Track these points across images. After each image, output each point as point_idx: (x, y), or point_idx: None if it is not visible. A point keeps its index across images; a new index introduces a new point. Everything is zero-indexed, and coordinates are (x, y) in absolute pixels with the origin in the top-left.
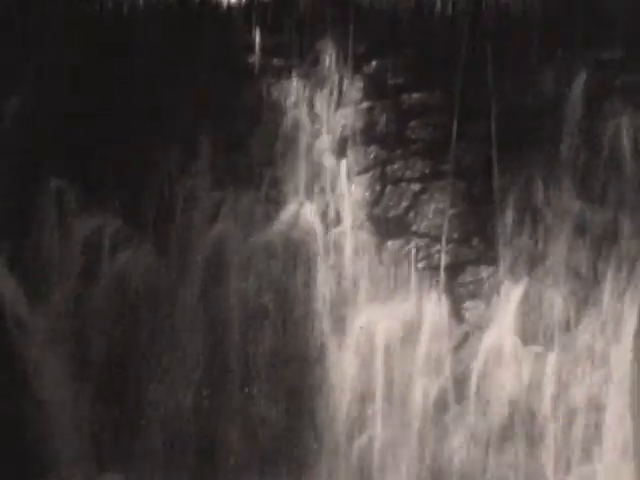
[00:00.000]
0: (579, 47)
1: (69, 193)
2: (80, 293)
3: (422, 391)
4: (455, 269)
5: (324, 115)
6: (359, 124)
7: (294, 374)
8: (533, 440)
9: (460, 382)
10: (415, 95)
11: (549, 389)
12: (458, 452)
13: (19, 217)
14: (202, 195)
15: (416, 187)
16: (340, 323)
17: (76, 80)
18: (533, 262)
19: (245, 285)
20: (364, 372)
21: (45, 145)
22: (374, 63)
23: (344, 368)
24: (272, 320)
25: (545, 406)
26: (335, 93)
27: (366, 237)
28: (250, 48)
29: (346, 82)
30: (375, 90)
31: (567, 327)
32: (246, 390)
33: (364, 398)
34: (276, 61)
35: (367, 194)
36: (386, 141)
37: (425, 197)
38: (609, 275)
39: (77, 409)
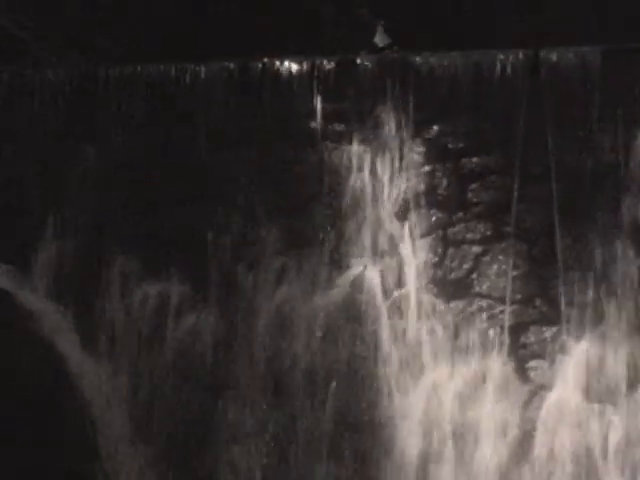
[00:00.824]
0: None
1: (133, 258)
2: (145, 357)
3: (489, 450)
4: (518, 330)
5: (386, 179)
6: (420, 188)
7: (360, 437)
8: None
9: (526, 440)
10: (475, 159)
11: (613, 447)
12: None
13: (85, 282)
14: (266, 260)
15: (478, 249)
16: (405, 385)
17: (140, 147)
18: (595, 322)
19: (309, 348)
20: (431, 432)
21: (110, 210)
22: (434, 127)
23: (410, 430)
24: (337, 383)
25: (609, 464)
26: (396, 157)
27: (429, 299)
28: (311, 114)
29: (407, 146)
30: (436, 154)
31: (630, 385)
32: (312, 454)
33: (431, 459)
34: (337, 126)
35: (429, 256)
36: (447, 204)
37: (487, 259)
38: None
39: (140, 471)
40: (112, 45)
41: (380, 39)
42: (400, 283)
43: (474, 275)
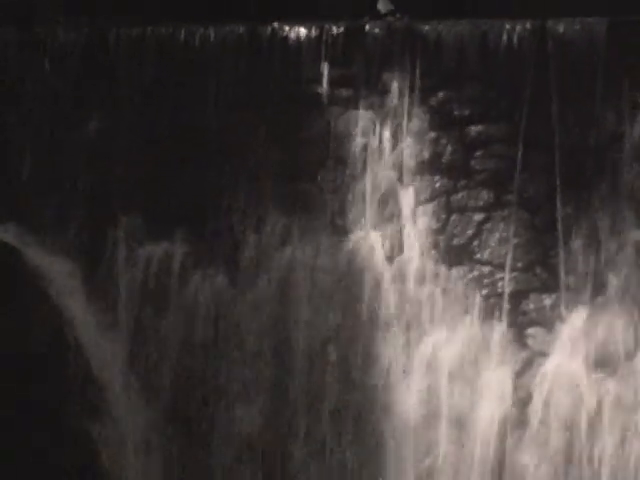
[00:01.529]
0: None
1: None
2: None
3: (485, 415)
4: (518, 297)
5: (391, 145)
6: (425, 154)
7: (360, 396)
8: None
9: (522, 407)
10: (480, 127)
11: (609, 415)
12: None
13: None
14: (271, 221)
15: (480, 216)
16: (405, 348)
17: (147, 110)
18: (595, 291)
19: (312, 310)
20: (429, 396)
21: (118, 171)
22: (440, 95)
23: (409, 392)
24: (339, 344)
25: (604, 431)
26: (402, 124)
27: (431, 264)
28: (319, 79)
29: (412, 113)
30: (441, 121)
31: (629, 354)
32: (313, 410)
33: (429, 422)
34: (344, 92)
35: (432, 222)
36: (451, 171)
37: (489, 226)
38: None
39: (147, 431)
40: (123, 7)
41: (383, 5)
42: (403, 248)
43: (476, 242)
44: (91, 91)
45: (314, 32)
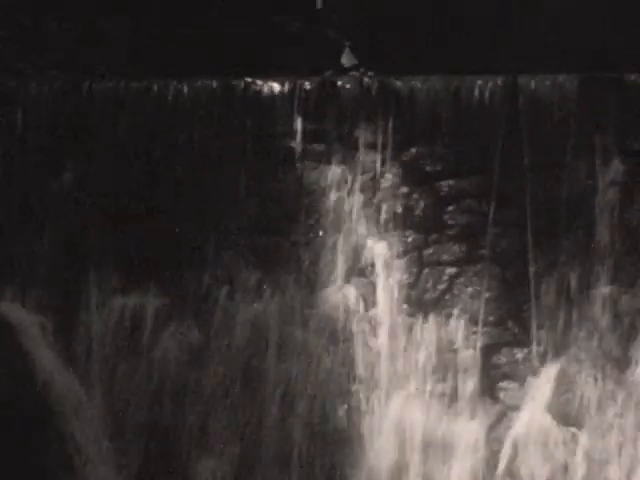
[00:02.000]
0: (614, 136)
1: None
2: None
3: (459, 468)
4: (490, 350)
5: (362, 199)
6: (397, 209)
7: (331, 452)
8: None
9: (494, 461)
10: (452, 182)
11: (581, 469)
12: None
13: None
14: (242, 276)
15: (452, 270)
16: (376, 403)
17: (120, 162)
18: (566, 345)
19: (284, 365)
20: (399, 451)
21: (90, 224)
22: (412, 150)
23: (379, 449)
24: (309, 398)
25: None
26: (374, 179)
27: (403, 319)
28: (291, 134)
29: (385, 168)
30: (413, 177)
31: (599, 408)
32: (283, 465)
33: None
34: (317, 146)
35: (405, 277)
36: (423, 226)
37: (461, 280)
38: None
39: None
40: (96, 61)
41: (347, 60)
42: (375, 302)
43: (448, 296)
44: (64, 143)
45: (287, 87)
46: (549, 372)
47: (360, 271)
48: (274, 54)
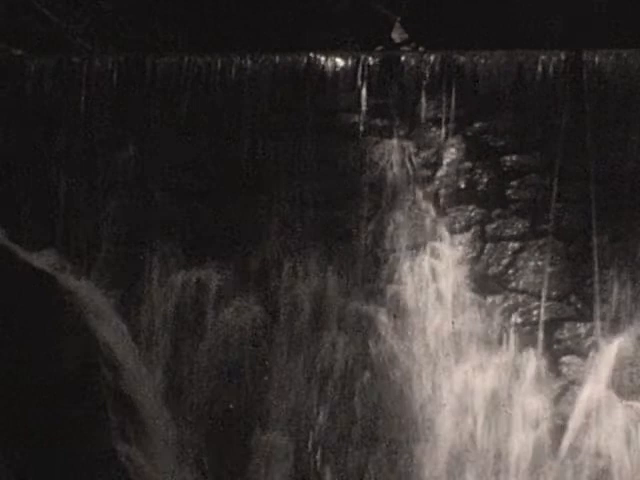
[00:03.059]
0: None
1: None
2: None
3: (520, 444)
4: (553, 325)
5: (426, 174)
6: (460, 183)
7: (394, 422)
8: None
9: (557, 435)
10: (515, 157)
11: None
12: None
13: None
14: (306, 249)
15: (515, 245)
16: (442, 376)
17: (183, 138)
18: (630, 320)
19: (345, 337)
20: (464, 425)
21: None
22: (476, 125)
23: (444, 420)
24: (372, 372)
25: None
26: (437, 153)
27: (467, 293)
28: (355, 109)
29: (448, 143)
30: (476, 151)
31: None
32: (345, 440)
33: (463, 450)
34: (379, 122)
35: (468, 252)
36: (486, 200)
37: (524, 255)
38: None
39: (180, 464)
40: (158, 35)
41: (397, 34)
42: (438, 277)
43: (511, 271)
44: (127, 119)
45: (350, 62)
46: (611, 347)
47: (423, 246)
48: (324, 30)
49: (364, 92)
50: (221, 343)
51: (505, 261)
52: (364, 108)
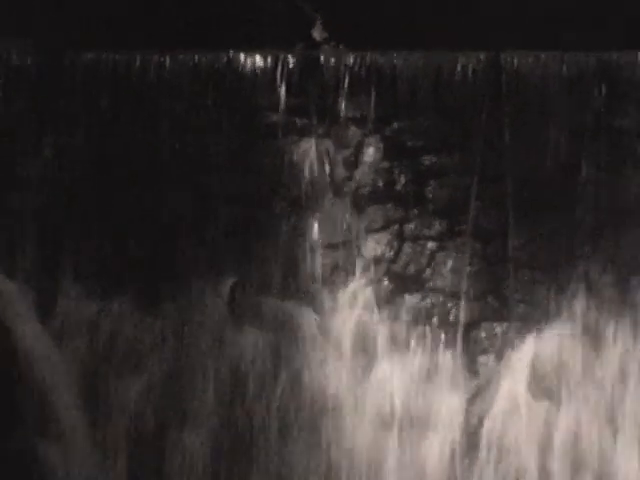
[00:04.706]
0: (595, 113)
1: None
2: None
3: (435, 443)
4: (470, 325)
5: (345, 173)
6: (378, 183)
7: (309, 423)
8: None
9: (472, 435)
10: (434, 157)
11: (559, 444)
12: None
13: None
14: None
15: (433, 245)
16: (356, 375)
17: (100, 136)
18: (546, 320)
19: (263, 335)
20: (379, 424)
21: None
22: (395, 125)
23: (358, 420)
24: (289, 372)
25: (555, 461)
26: (356, 152)
27: (384, 292)
28: (274, 108)
29: (366, 142)
30: (395, 151)
31: (577, 382)
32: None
33: (379, 450)
34: (298, 121)
35: (385, 251)
36: (405, 200)
37: (442, 255)
38: (620, 332)
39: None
40: (79, 32)
41: (317, 33)
42: (355, 276)
43: (429, 271)
44: (45, 116)
45: (270, 61)
46: (527, 346)
47: (340, 244)
48: (245, 27)
49: (283, 91)
50: (140, 341)
51: (423, 261)
52: (283, 107)
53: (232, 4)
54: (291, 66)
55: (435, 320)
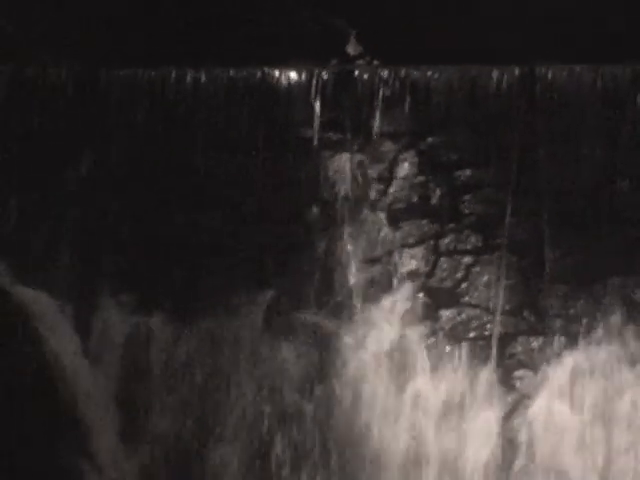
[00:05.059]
0: (628, 126)
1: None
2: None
3: (473, 458)
4: (506, 339)
5: (380, 188)
6: (413, 197)
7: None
8: None
9: (510, 449)
10: (469, 171)
11: (597, 458)
12: None
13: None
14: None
15: (469, 260)
16: (395, 389)
17: (135, 151)
18: (582, 334)
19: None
20: (416, 439)
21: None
22: (429, 139)
23: (396, 435)
24: (325, 384)
25: (594, 475)
26: (390, 167)
27: (420, 306)
28: (309, 122)
29: (401, 157)
30: (429, 165)
31: (613, 397)
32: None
33: (416, 465)
34: (333, 135)
35: (421, 265)
36: (439, 214)
37: (477, 269)
38: None
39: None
40: (112, 47)
41: (352, 48)
42: (392, 289)
43: (464, 285)
44: (81, 131)
45: (304, 76)
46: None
47: (377, 259)
48: (281, 43)
49: (318, 106)
50: (174, 354)
51: (458, 275)
52: (318, 122)
53: (268, 21)
54: (326, 81)
55: (470, 334)
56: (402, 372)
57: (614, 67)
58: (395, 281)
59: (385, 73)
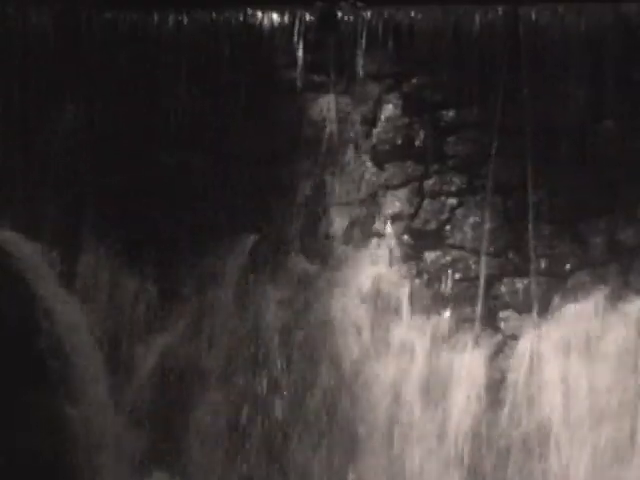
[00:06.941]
0: (612, 66)
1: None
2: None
3: (460, 399)
4: (491, 281)
5: (364, 129)
6: (397, 139)
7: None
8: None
9: (495, 389)
10: (453, 112)
11: (581, 396)
12: (494, 458)
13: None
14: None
15: (453, 201)
16: (379, 332)
17: (118, 94)
18: (567, 274)
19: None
20: (402, 380)
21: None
22: (413, 81)
23: (382, 376)
24: (309, 328)
25: (578, 413)
26: (374, 109)
27: (404, 249)
28: (292, 64)
29: (385, 98)
30: (413, 107)
31: (597, 337)
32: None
33: (401, 403)
34: (317, 77)
35: (405, 207)
36: (424, 156)
37: (462, 211)
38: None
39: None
40: None
41: None
42: (375, 232)
43: (448, 227)
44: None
45: (287, 18)
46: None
47: (360, 201)
48: None
49: (301, 48)
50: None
51: (443, 217)
52: (301, 64)
53: None
54: (309, 22)
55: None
56: (386, 314)
57: (596, 5)
58: (379, 223)
59: (368, 14)
